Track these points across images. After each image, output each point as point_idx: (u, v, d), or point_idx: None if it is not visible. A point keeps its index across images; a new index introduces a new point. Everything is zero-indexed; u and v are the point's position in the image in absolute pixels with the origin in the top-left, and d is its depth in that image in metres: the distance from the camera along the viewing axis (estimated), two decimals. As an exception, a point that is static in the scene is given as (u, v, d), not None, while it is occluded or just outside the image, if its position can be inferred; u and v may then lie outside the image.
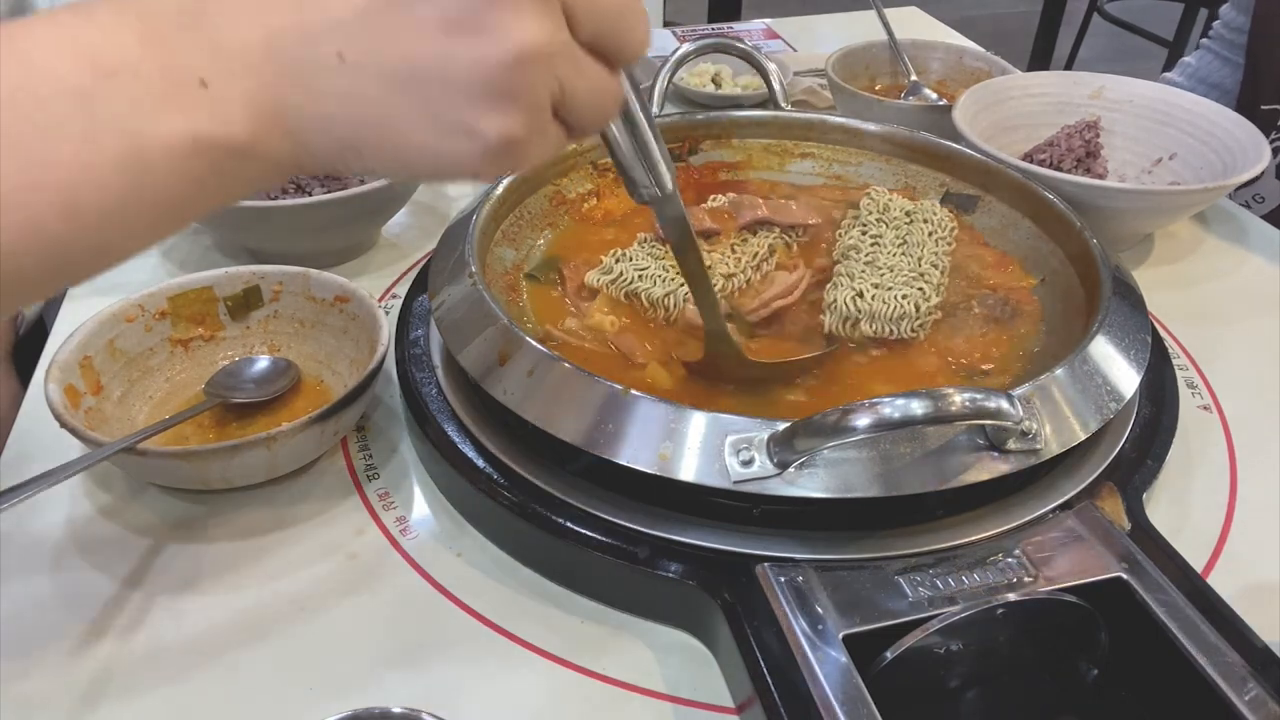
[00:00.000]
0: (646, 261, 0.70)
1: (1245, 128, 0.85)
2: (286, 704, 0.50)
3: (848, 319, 0.65)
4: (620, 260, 0.71)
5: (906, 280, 0.66)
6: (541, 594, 0.56)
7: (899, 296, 0.65)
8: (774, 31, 1.44)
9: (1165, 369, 0.67)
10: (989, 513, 0.54)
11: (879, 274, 0.67)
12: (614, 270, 0.70)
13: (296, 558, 0.58)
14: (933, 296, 0.66)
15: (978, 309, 0.68)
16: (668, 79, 0.88)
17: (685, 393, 0.62)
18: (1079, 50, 2.90)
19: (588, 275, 0.70)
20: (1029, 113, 0.95)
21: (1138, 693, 0.49)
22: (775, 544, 0.52)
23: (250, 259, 0.84)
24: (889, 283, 0.66)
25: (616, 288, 0.69)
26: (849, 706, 0.43)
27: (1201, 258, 0.90)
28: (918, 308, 0.64)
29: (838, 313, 0.66)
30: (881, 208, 0.74)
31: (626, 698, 0.51)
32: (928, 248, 0.70)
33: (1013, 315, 0.68)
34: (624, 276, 0.69)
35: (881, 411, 0.47)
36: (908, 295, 0.65)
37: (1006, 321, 0.67)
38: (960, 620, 0.46)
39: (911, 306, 0.64)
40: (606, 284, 0.69)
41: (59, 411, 0.58)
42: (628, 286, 0.69)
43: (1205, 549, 0.59)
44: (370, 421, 0.68)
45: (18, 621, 0.53)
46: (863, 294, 0.65)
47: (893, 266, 0.68)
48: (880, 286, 0.66)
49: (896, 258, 0.69)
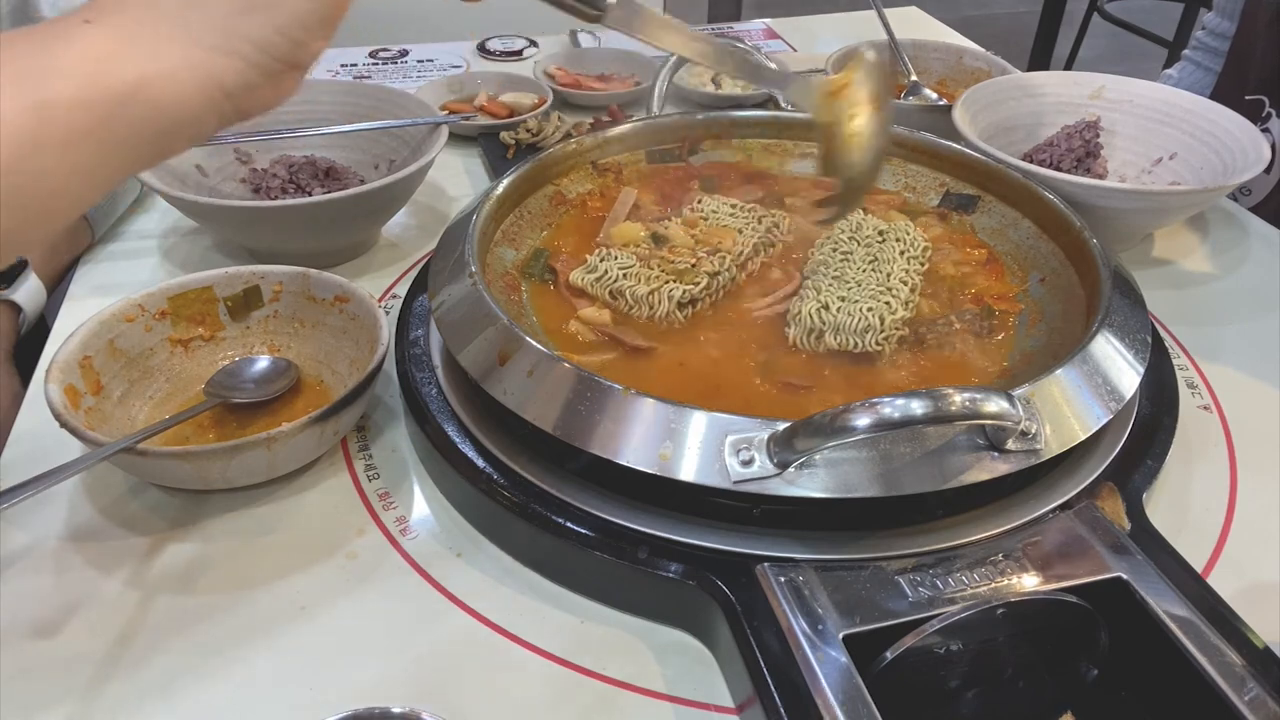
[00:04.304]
0: (630, 260, 0.70)
1: (1245, 128, 0.85)
2: (286, 704, 0.50)
3: (813, 331, 0.65)
4: (605, 259, 0.71)
5: (873, 294, 0.66)
6: (541, 594, 0.56)
7: (864, 309, 0.65)
8: (774, 31, 1.44)
9: (1165, 369, 0.67)
10: (989, 513, 0.54)
11: (846, 288, 0.67)
12: (598, 269, 0.70)
13: (296, 558, 0.58)
14: (899, 310, 0.65)
15: (957, 324, 0.68)
16: (668, 79, 0.88)
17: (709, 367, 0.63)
18: (1079, 50, 2.90)
19: (572, 274, 0.70)
20: (1029, 113, 0.95)
21: (1138, 693, 0.49)
22: (775, 544, 0.52)
23: (250, 259, 0.84)
24: (855, 296, 0.66)
25: (601, 286, 0.69)
26: (849, 706, 0.43)
27: (1201, 258, 0.90)
28: (882, 320, 0.64)
29: (803, 324, 0.66)
30: (854, 225, 0.74)
31: (626, 698, 0.51)
32: (897, 264, 0.70)
33: (990, 330, 0.68)
34: (608, 275, 0.69)
35: (881, 411, 0.47)
36: (873, 308, 0.65)
37: (985, 336, 0.67)
38: (960, 620, 0.46)
39: (876, 319, 0.64)
40: (591, 282, 0.69)
41: (59, 411, 0.58)
42: (612, 285, 0.69)
43: (1205, 549, 0.59)
44: (370, 421, 0.68)
45: (18, 621, 0.53)
46: (828, 306, 0.65)
47: (860, 281, 0.68)
48: (847, 300, 0.66)
49: (865, 273, 0.69)
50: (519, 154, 1.01)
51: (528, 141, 1.01)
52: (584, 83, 1.17)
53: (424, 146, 0.86)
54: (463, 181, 1.00)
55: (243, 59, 0.38)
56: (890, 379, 0.63)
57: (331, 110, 0.91)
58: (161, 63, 0.36)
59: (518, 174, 0.75)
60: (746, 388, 0.62)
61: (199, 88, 0.37)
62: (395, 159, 0.91)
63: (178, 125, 0.37)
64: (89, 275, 0.84)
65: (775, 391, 0.62)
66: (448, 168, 1.01)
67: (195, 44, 0.37)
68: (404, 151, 0.90)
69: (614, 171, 0.83)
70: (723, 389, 0.62)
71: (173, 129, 0.37)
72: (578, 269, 0.71)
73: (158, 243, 0.88)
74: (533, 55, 1.31)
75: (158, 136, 0.37)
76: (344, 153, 0.92)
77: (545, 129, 1.02)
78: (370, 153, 0.92)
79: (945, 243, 0.77)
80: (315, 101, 0.91)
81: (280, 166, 0.87)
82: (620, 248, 0.73)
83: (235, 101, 0.38)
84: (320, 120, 0.90)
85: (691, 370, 0.64)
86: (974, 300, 0.71)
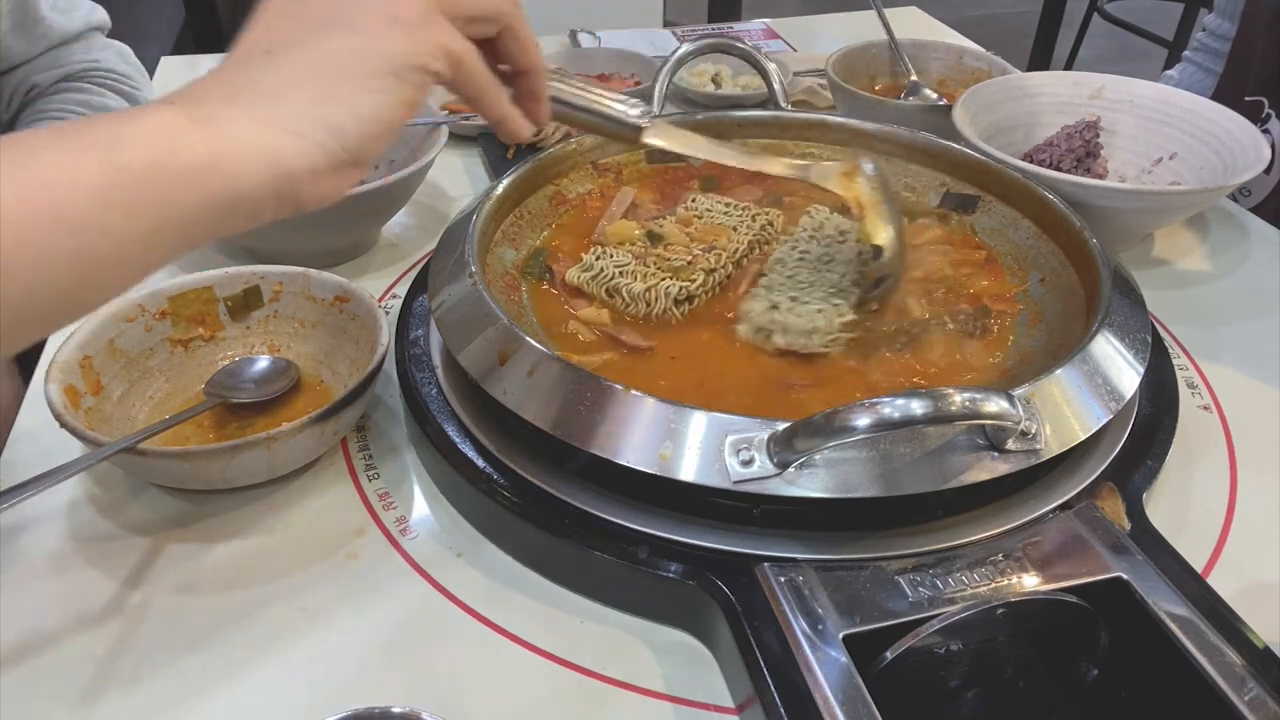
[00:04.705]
0: (626, 258, 0.70)
1: (1245, 128, 0.85)
2: (286, 704, 0.50)
3: (760, 330, 0.65)
4: (601, 258, 0.71)
5: (824, 296, 0.66)
6: (541, 594, 0.56)
7: (813, 310, 0.65)
8: (774, 31, 1.44)
9: (1165, 369, 0.67)
10: (989, 513, 0.54)
11: (798, 287, 0.67)
12: (594, 267, 0.70)
13: (296, 558, 0.58)
14: (848, 313, 0.65)
15: (951, 325, 0.68)
16: (668, 79, 0.88)
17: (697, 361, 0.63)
18: (1079, 50, 2.90)
19: (568, 272, 0.70)
20: (1029, 113, 0.95)
21: (1138, 693, 0.49)
22: (775, 544, 0.52)
23: (250, 259, 0.84)
24: (806, 297, 0.66)
25: (597, 284, 0.69)
26: (849, 706, 0.43)
27: (1201, 258, 0.90)
28: (830, 322, 0.64)
29: (751, 323, 0.66)
30: (817, 225, 0.74)
31: (626, 698, 0.51)
32: (854, 266, 0.69)
33: (983, 331, 0.68)
34: (604, 273, 0.69)
35: (881, 411, 0.47)
36: (822, 310, 0.65)
37: (978, 337, 0.67)
38: (960, 620, 0.46)
39: (823, 321, 0.64)
40: (587, 281, 0.69)
41: (59, 411, 0.58)
42: (609, 283, 0.69)
43: (1205, 549, 0.59)
44: (370, 421, 0.68)
45: (18, 621, 0.53)
46: (778, 306, 0.65)
47: (813, 282, 0.68)
48: (798, 300, 0.66)
49: (819, 274, 0.69)
50: (519, 154, 1.00)
51: (528, 141, 1.01)
52: (584, 83, 1.17)
53: (424, 147, 0.86)
54: (463, 181, 1.00)
55: (313, 142, 0.39)
56: (890, 379, 0.63)
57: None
58: (230, 141, 0.37)
59: (518, 174, 0.75)
60: (742, 386, 0.62)
61: (265, 166, 0.38)
62: (395, 159, 0.91)
63: (238, 201, 0.38)
64: (89, 275, 0.84)
65: (774, 391, 0.62)
66: (448, 168, 1.01)
67: (268, 125, 0.38)
68: (404, 151, 0.90)
69: (614, 171, 0.83)
70: (721, 388, 0.62)
71: (233, 204, 0.38)
72: (573, 268, 0.71)
73: (158, 243, 0.88)
74: (533, 55, 1.30)
75: (220, 213, 0.38)
76: (344, 153, 0.92)
77: (545, 129, 1.02)
78: (370, 153, 0.92)
79: (944, 243, 0.77)
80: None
81: (280, 166, 0.87)
82: (615, 246, 0.73)
83: (295, 186, 0.39)
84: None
85: (690, 368, 0.64)
86: (971, 301, 0.71)
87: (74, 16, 0.96)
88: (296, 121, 0.39)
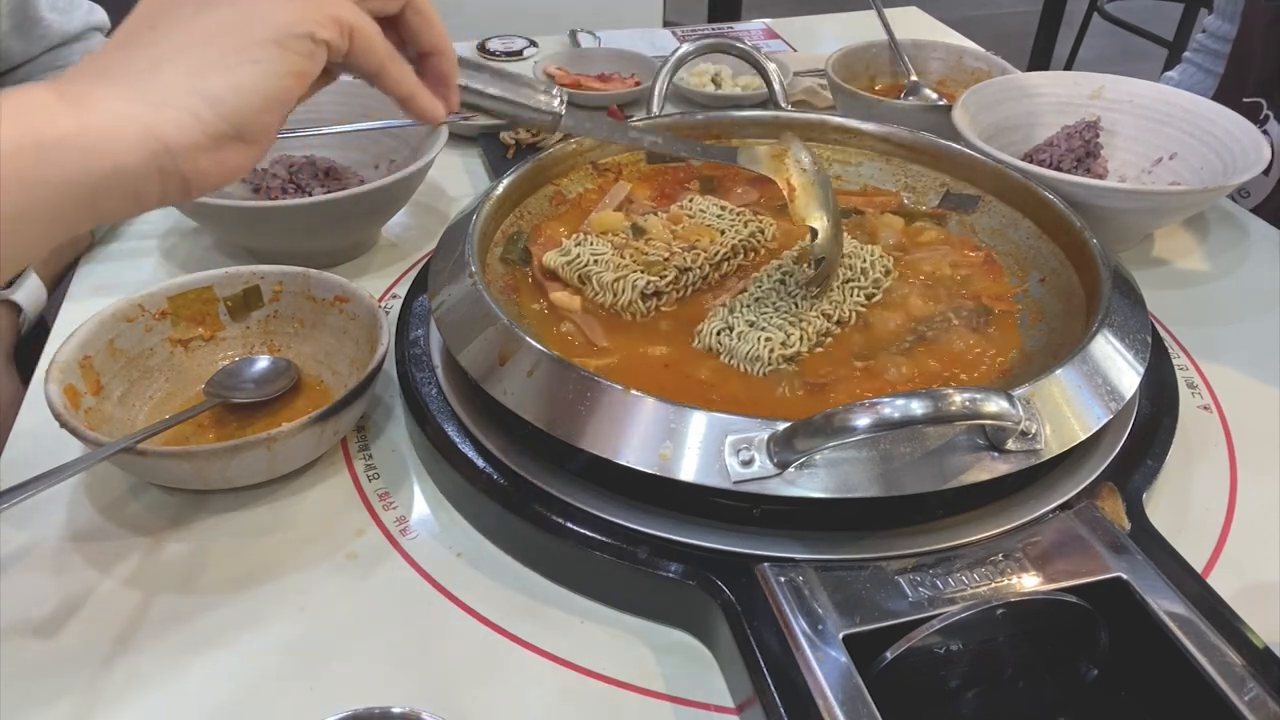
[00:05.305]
0: (605, 248, 0.71)
1: (1245, 128, 0.85)
2: (286, 704, 0.50)
3: (711, 350, 0.65)
4: (580, 244, 0.71)
5: (780, 325, 0.65)
6: (541, 594, 0.56)
7: (761, 338, 0.64)
8: (774, 31, 1.44)
9: (1165, 369, 0.67)
10: (989, 513, 0.54)
11: (759, 311, 0.66)
12: (571, 253, 0.70)
13: (296, 558, 0.58)
14: (796, 344, 0.64)
15: (955, 320, 0.68)
16: (668, 79, 0.88)
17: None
18: (1079, 50, 2.90)
19: (545, 256, 0.71)
20: (1029, 113, 0.95)
21: (1138, 693, 0.49)
22: (775, 544, 0.52)
23: (250, 259, 0.84)
24: (763, 323, 0.65)
25: (571, 270, 0.69)
26: (849, 706, 0.43)
27: (1201, 258, 0.90)
28: (771, 352, 0.63)
29: (703, 343, 0.65)
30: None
31: (626, 698, 0.51)
32: (830, 296, 0.68)
33: (987, 325, 0.68)
34: (579, 259, 0.69)
35: (881, 411, 0.47)
36: (770, 338, 0.64)
37: (982, 330, 0.67)
38: (960, 620, 0.46)
39: (765, 350, 0.63)
40: (562, 265, 0.70)
41: (59, 411, 0.58)
42: (581, 269, 0.69)
43: (1205, 549, 0.59)
44: (370, 421, 0.68)
45: (18, 621, 0.53)
46: (731, 329, 0.65)
47: (777, 306, 0.67)
48: (755, 325, 0.65)
49: (785, 299, 0.68)
50: (519, 154, 1.01)
51: (528, 141, 1.01)
52: (584, 83, 1.17)
53: (424, 147, 0.86)
54: (463, 181, 1.00)
55: (189, 113, 0.38)
56: (890, 379, 0.63)
57: (331, 110, 0.91)
58: (101, 115, 0.37)
59: (518, 174, 0.75)
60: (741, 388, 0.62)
61: (139, 139, 0.37)
62: (395, 159, 0.91)
63: (113, 178, 0.37)
64: (89, 275, 0.84)
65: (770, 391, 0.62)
66: (448, 168, 1.01)
67: (140, 100, 0.38)
68: (404, 151, 0.90)
69: (614, 171, 0.83)
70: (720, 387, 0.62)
71: (108, 182, 0.37)
72: (551, 251, 0.71)
73: (158, 243, 0.88)
74: (533, 55, 1.30)
75: (92, 191, 0.37)
76: (344, 153, 0.92)
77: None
78: (370, 153, 0.92)
79: (943, 244, 0.77)
80: (315, 101, 0.90)
81: (280, 166, 0.88)
82: (599, 235, 0.73)
83: (176, 161, 0.38)
84: (320, 120, 0.90)
85: (683, 370, 0.64)
86: (971, 301, 0.71)
87: (73, 17, 0.96)
88: (170, 93, 0.38)
